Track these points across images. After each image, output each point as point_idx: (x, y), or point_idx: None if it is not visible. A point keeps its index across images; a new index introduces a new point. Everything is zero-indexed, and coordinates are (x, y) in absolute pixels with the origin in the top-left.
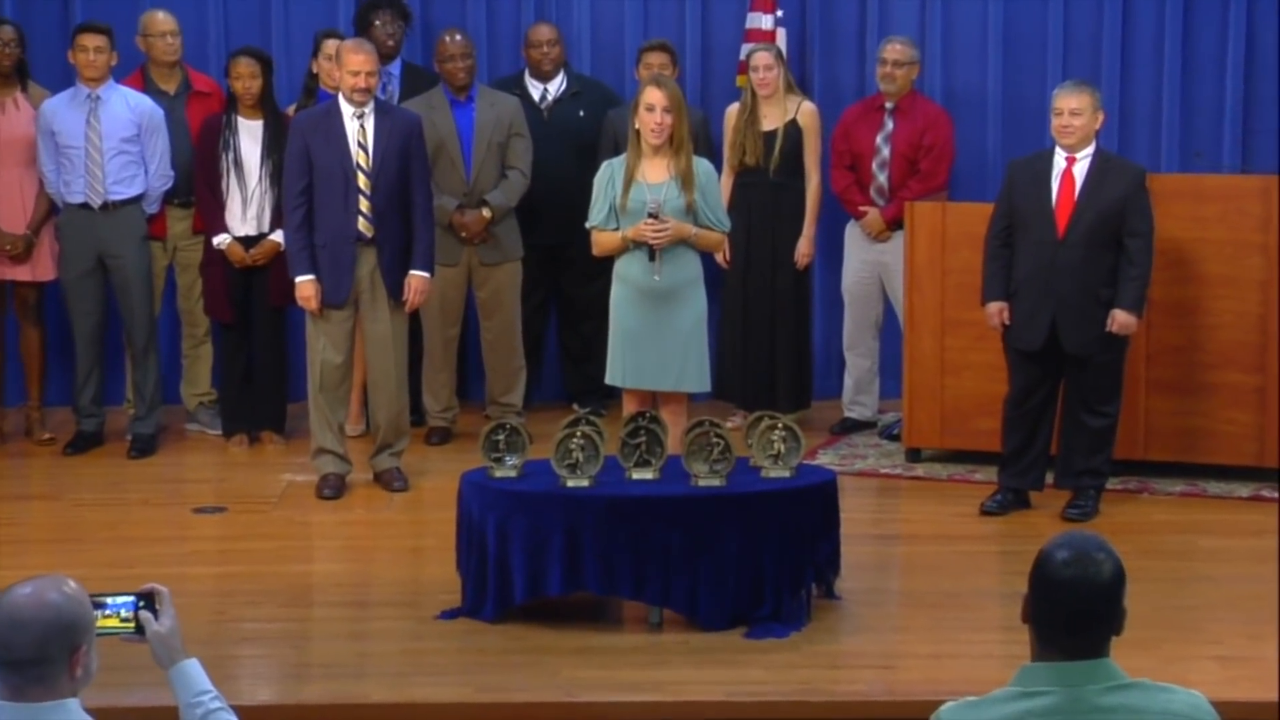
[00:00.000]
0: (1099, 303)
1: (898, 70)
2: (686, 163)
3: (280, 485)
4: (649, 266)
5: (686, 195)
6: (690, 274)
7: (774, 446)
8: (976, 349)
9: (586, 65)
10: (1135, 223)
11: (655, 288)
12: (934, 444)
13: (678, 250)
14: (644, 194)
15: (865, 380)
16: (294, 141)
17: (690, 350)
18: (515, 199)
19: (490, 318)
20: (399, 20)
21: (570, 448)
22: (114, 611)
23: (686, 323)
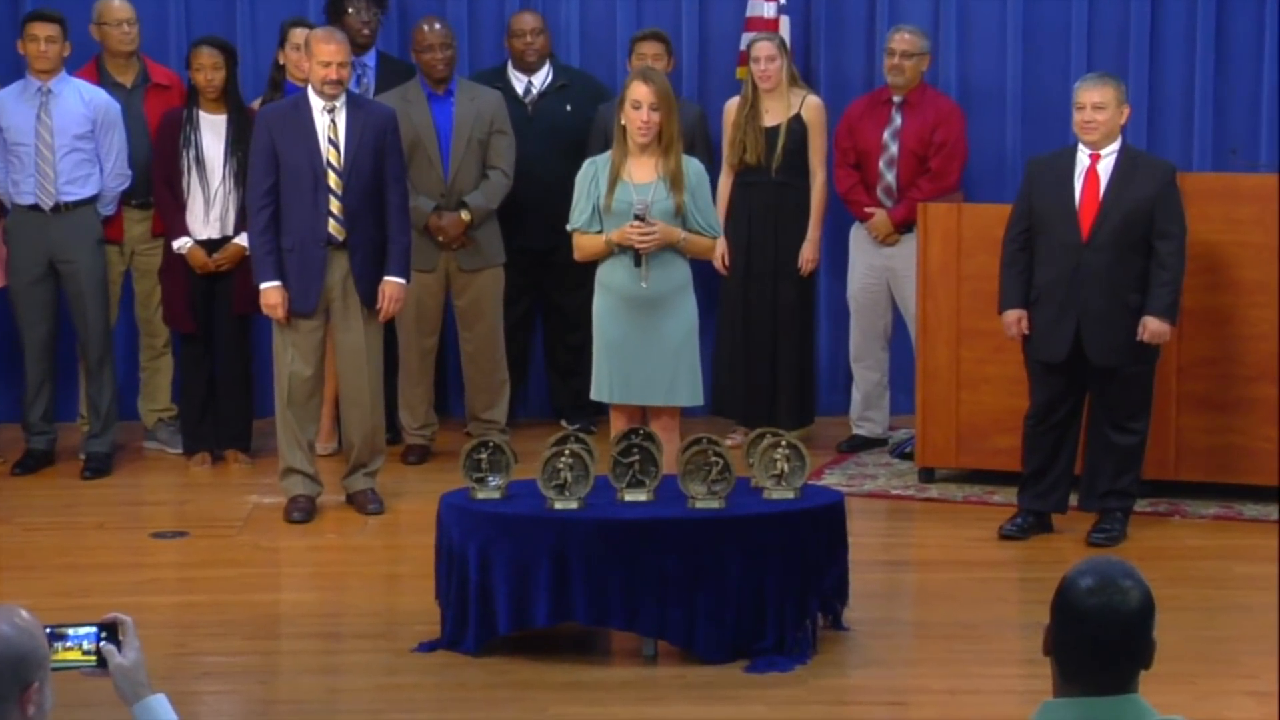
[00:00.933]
0: (1127, 310)
1: (906, 62)
2: (676, 162)
3: (245, 508)
4: (634, 273)
5: (675, 197)
6: (679, 280)
7: (777, 466)
8: (994, 361)
9: (574, 56)
10: (1165, 224)
11: (642, 295)
12: (949, 463)
13: (665, 255)
14: (630, 195)
15: (874, 394)
16: (259, 137)
17: (681, 362)
18: (496, 201)
19: (470, 328)
20: (374, 8)
21: (558, 467)
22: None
23: (676, 332)
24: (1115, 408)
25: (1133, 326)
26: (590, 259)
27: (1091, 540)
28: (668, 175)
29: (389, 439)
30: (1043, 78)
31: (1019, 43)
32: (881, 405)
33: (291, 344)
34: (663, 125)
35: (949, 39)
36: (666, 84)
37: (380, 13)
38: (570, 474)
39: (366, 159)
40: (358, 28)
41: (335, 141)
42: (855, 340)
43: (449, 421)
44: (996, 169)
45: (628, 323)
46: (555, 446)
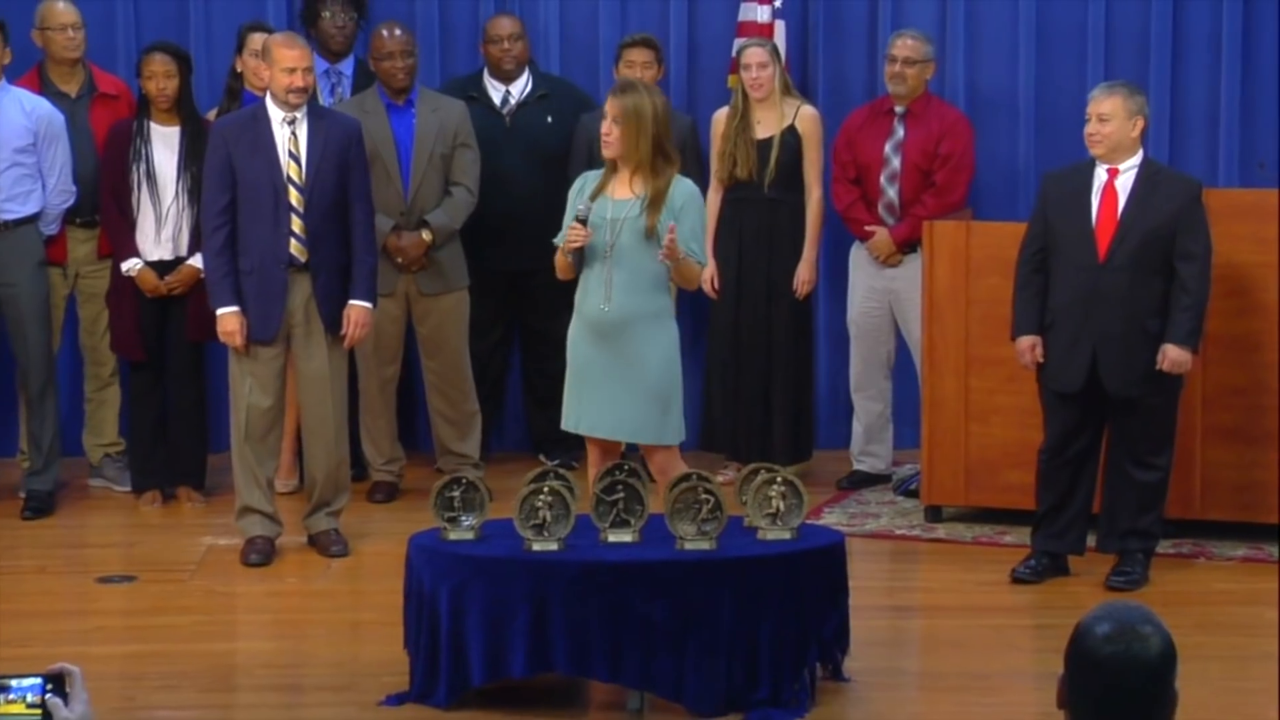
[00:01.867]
0: (1147, 336)
1: (908, 69)
2: (659, 183)
3: (199, 550)
4: (600, 295)
5: (649, 216)
6: (651, 306)
7: (772, 504)
8: (1006, 391)
9: (554, 63)
10: (1188, 244)
11: (606, 320)
12: (957, 501)
13: (635, 276)
14: (606, 211)
15: (877, 427)
16: (215, 151)
17: (652, 396)
18: (460, 219)
19: (433, 356)
20: (351, 12)
21: (536, 506)
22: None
23: (647, 363)
24: (1135, 441)
25: (1152, 354)
26: (564, 275)
27: (1110, 584)
28: (648, 195)
29: (354, 475)
30: (1057, 85)
31: (1031, 47)
32: (884, 439)
33: (250, 374)
34: (625, 140)
35: (956, 44)
36: (634, 100)
37: (359, 18)
38: (550, 513)
39: (330, 174)
40: (332, 33)
41: (296, 155)
42: (856, 369)
43: (418, 456)
44: (1007, 184)
45: (593, 349)
46: (533, 483)
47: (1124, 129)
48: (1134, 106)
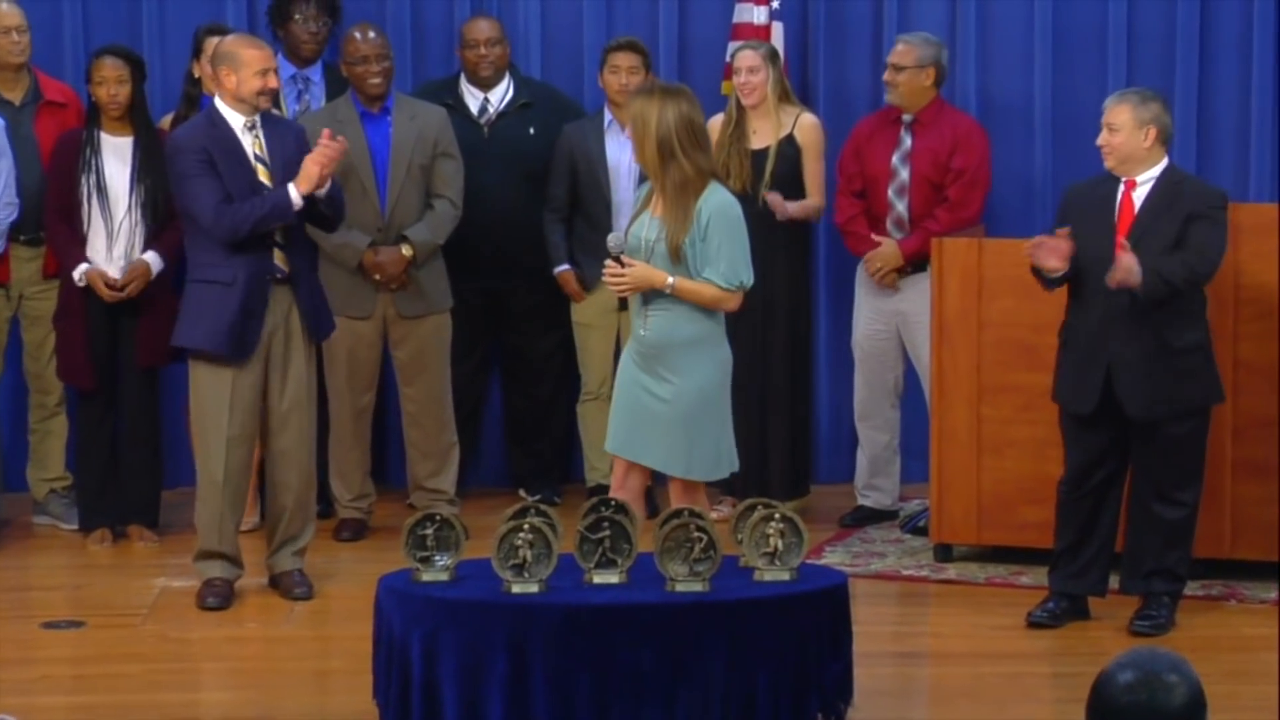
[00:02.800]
0: (1168, 354)
1: (899, 76)
2: (674, 195)
3: (152, 593)
4: (640, 318)
5: (671, 237)
6: (687, 334)
7: (770, 542)
8: (1021, 421)
9: (536, 68)
10: (1196, 241)
11: (643, 343)
12: (969, 539)
13: (671, 300)
14: (643, 229)
15: (882, 459)
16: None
17: (682, 426)
18: (443, 234)
19: (412, 383)
20: (325, 17)
21: (516, 544)
22: None
23: (673, 393)
24: (1159, 474)
25: (1176, 375)
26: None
27: (1134, 629)
28: (668, 212)
29: (320, 512)
30: (1075, 91)
31: (1047, 50)
32: (891, 472)
33: (229, 404)
34: (637, 153)
35: (966, 47)
36: (642, 106)
37: (332, 23)
38: (530, 552)
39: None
40: (305, 38)
41: (265, 161)
42: (860, 396)
43: (388, 492)
44: (1022, 198)
45: (635, 370)
46: (513, 520)
47: (1134, 139)
48: (1146, 115)
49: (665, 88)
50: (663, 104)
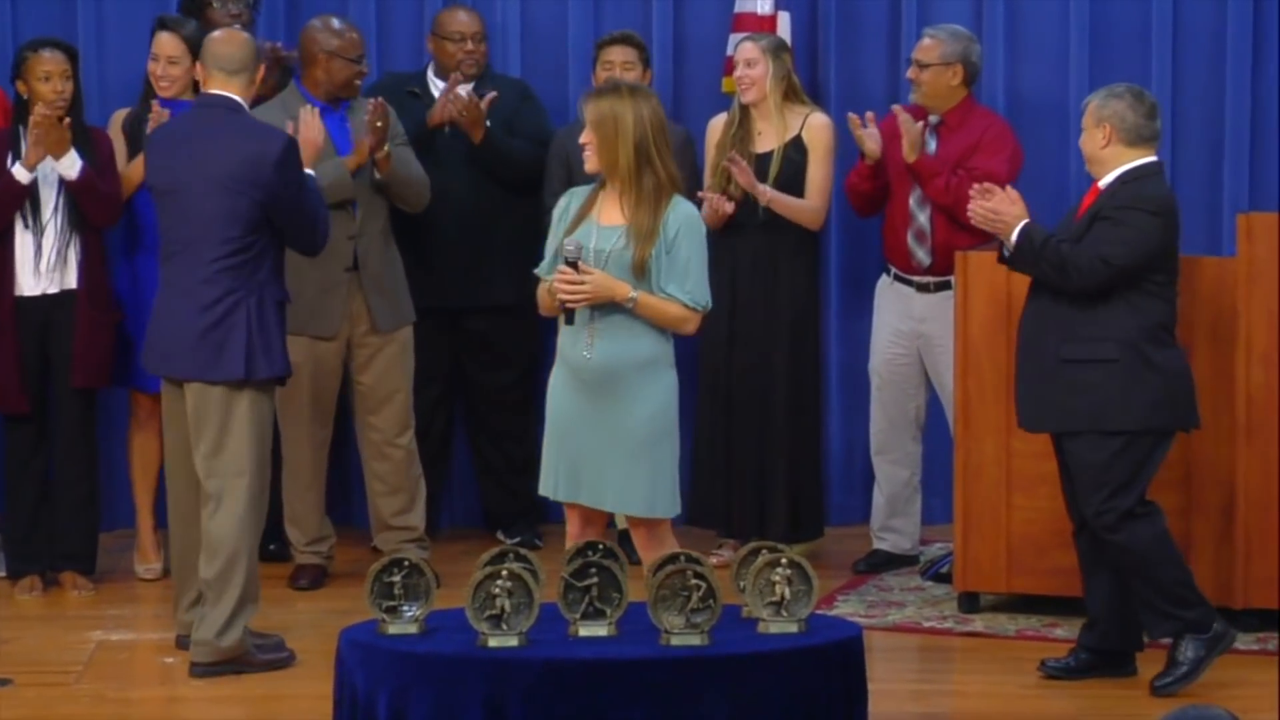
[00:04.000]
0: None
1: (923, 73)
2: (642, 203)
3: (87, 648)
4: (582, 338)
5: (638, 248)
6: (641, 353)
7: (775, 590)
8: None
9: (514, 65)
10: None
11: (589, 368)
12: (997, 587)
13: (624, 318)
14: (591, 239)
15: (901, 498)
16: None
17: (637, 460)
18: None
19: (377, 410)
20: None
21: (493, 593)
22: None
23: (631, 421)
24: (1086, 504)
25: (1066, 387)
26: (548, 314)
27: (1155, 688)
28: (635, 221)
29: (272, 554)
30: None
31: (1083, 47)
32: (910, 512)
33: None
34: (603, 154)
35: (994, 42)
36: (614, 104)
37: (254, 8)
38: (509, 601)
39: None
40: (225, 20)
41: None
42: (878, 427)
43: (350, 533)
44: (1055, 206)
45: (574, 401)
46: (489, 566)
47: (1092, 140)
48: (1104, 113)
49: (633, 86)
50: (635, 102)
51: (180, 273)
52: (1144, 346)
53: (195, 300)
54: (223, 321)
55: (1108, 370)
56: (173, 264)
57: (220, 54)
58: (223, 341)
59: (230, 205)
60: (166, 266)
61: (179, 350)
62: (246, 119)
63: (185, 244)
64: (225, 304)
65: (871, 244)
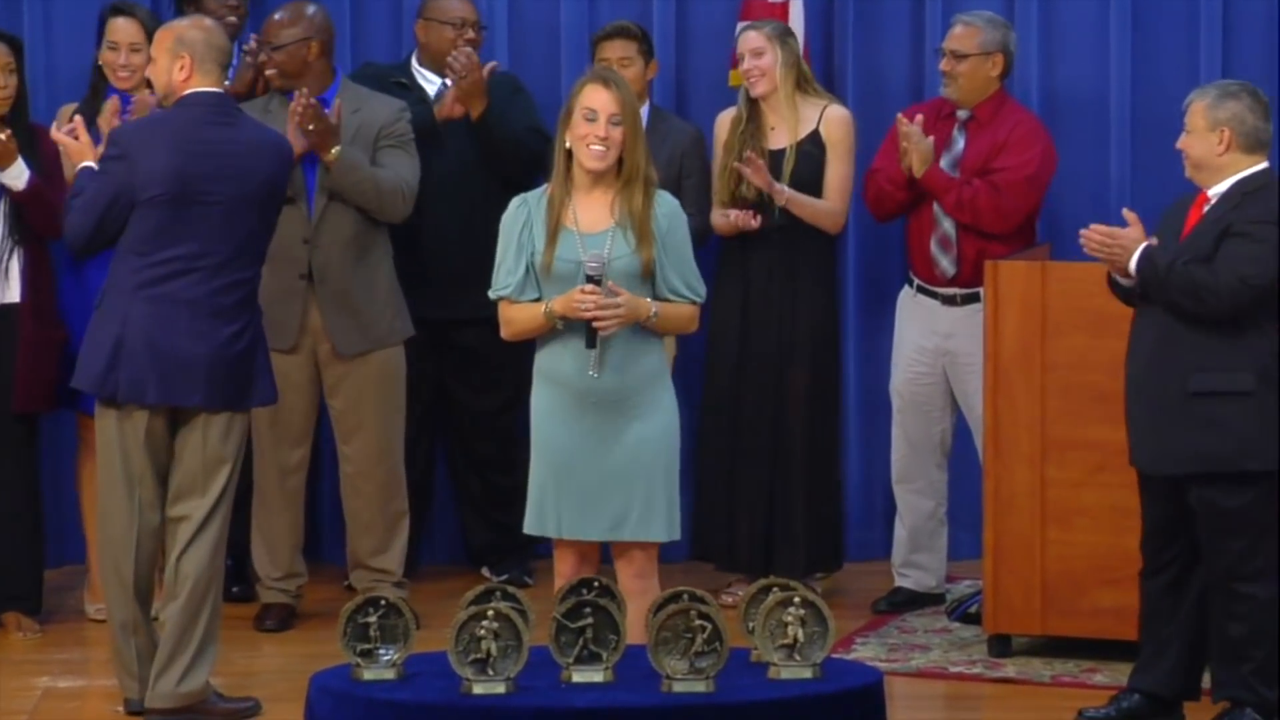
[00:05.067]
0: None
1: (959, 65)
2: (642, 203)
3: (33, 695)
4: (584, 357)
5: (642, 252)
6: (650, 369)
7: (788, 632)
8: (1095, 484)
9: (502, 58)
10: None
11: (595, 390)
12: (1031, 629)
13: (631, 331)
14: (577, 249)
15: (925, 531)
16: None
17: (654, 480)
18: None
19: (350, 438)
20: None
21: (478, 635)
22: None
23: (647, 441)
24: (1213, 555)
25: (1203, 427)
26: (523, 337)
27: None
28: (631, 219)
29: (238, 594)
30: (1159, 86)
31: (1125, 37)
32: (935, 546)
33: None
34: (625, 147)
35: (1027, 32)
36: (631, 92)
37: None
38: (495, 644)
39: None
40: (220, 12)
41: None
42: (900, 453)
43: (323, 570)
44: (1095, 212)
45: (577, 427)
46: (474, 605)
47: (1205, 144)
48: (1221, 115)
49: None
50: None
51: (200, 293)
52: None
53: (222, 325)
54: (253, 347)
55: (1244, 404)
56: (186, 282)
57: (217, 46)
58: (251, 368)
59: (264, 220)
60: (171, 284)
61: (202, 379)
62: (256, 123)
63: (210, 263)
64: (253, 328)
65: (892, 251)
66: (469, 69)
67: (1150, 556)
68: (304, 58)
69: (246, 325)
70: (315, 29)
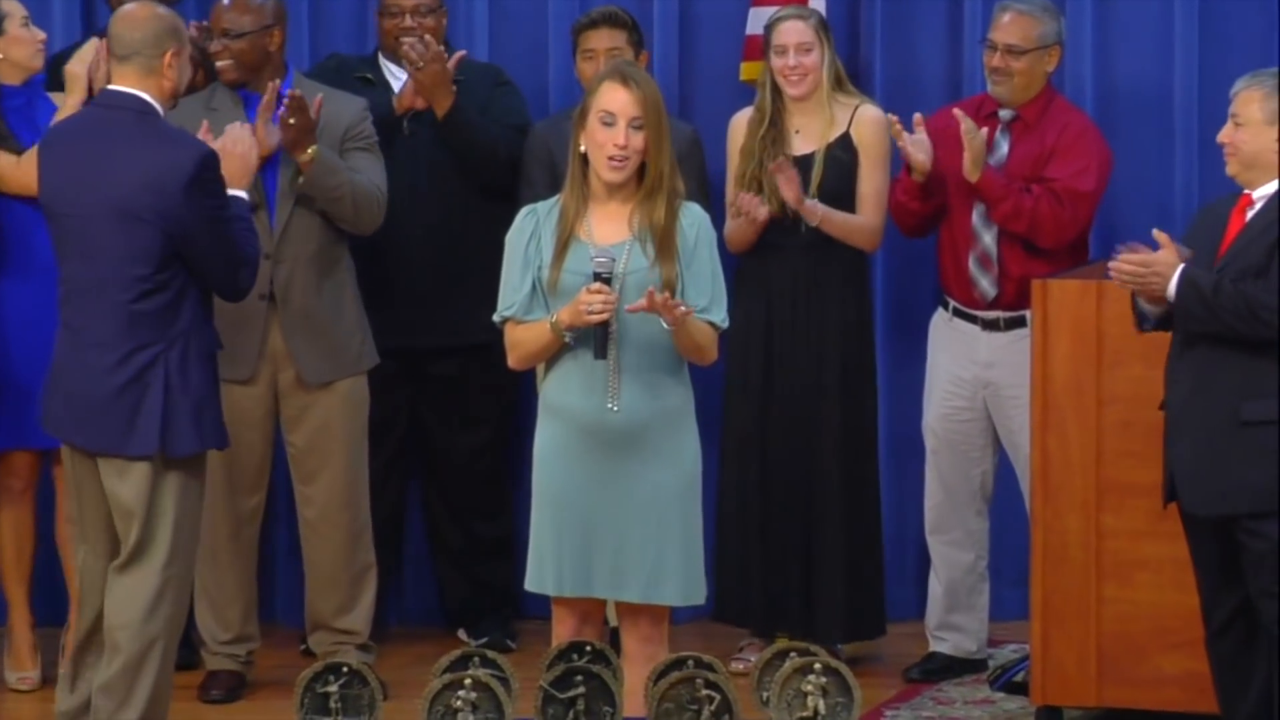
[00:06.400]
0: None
1: (1016, 61)
2: (667, 214)
3: None
4: (596, 387)
5: (663, 266)
6: (672, 404)
7: (807, 703)
8: (1158, 534)
9: (481, 50)
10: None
11: (607, 426)
12: (1085, 699)
13: (651, 357)
14: (588, 261)
15: (964, 587)
16: None
17: (669, 534)
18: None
19: (313, 479)
20: None
21: (454, 705)
22: None
23: (662, 487)
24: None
25: (1247, 455)
26: (532, 362)
27: None
28: (651, 231)
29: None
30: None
31: (1191, 31)
32: (976, 605)
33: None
34: (649, 154)
35: (1080, 19)
36: (656, 90)
37: None
38: (473, 716)
39: None
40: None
41: None
42: (935, 499)
43: (276, 632)
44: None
45: (589, 469)
46: (449, 673)
47: (1259, 140)
48: (1275, 107)
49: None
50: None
51: (83, 318)
52: None
53: (104, 354)
54: (136, 381)
55: None
56: (73, 307)
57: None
58: (136, 407)
59: (136, 238)
60: (65, 308)
61: (87, 415)
62: (157, 126)
63: (88, 284)
64: (139, 359)
65: (924, 270)
66: (428, 58)
67: (1210, 613)
68: (266, 48)
69: (129, 355)
70: (277, 16)
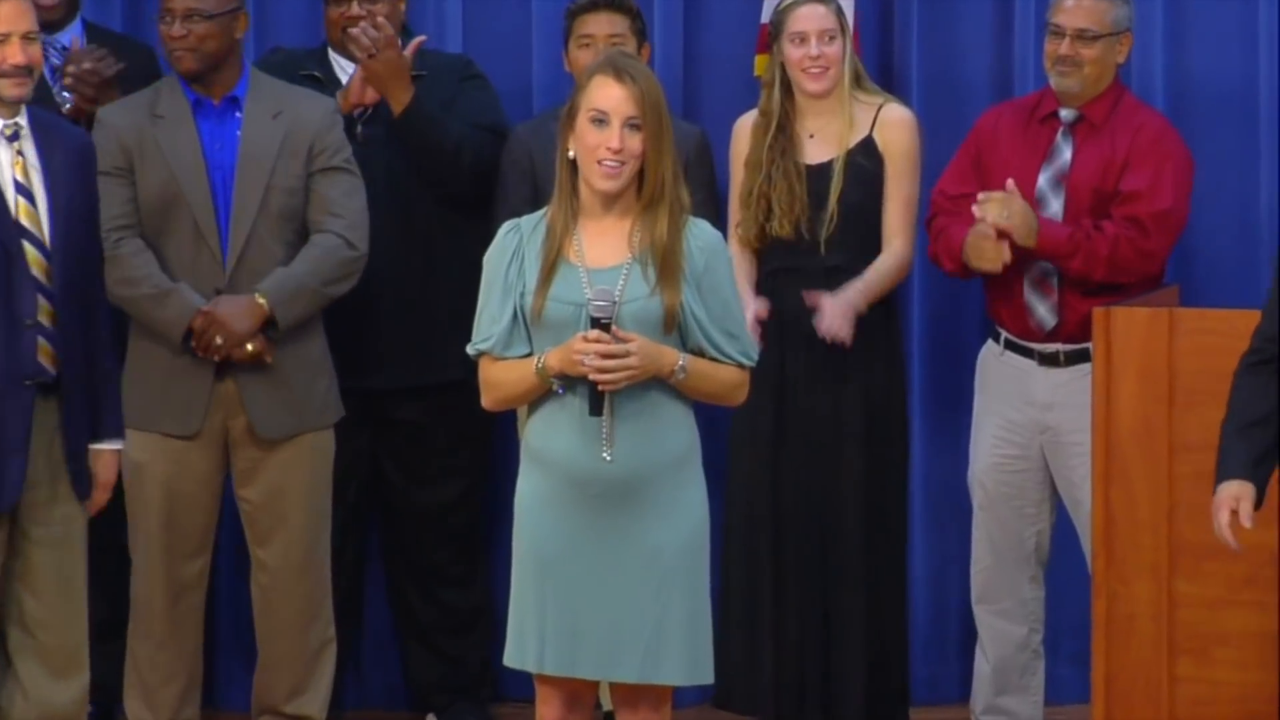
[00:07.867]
0: None
1: (1086, 49)
2: (669, 231)
3: None
4: (588, 433)
5: (665, 294)
6: (675, 451)
7: None
8: (1240, 603)
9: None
10: None
11: (600, 477)
12: None
13: (652, 401)
14: (580, 288)
15: (1016, 665)
16: None
17: (670, 603)
18: (328, 283)
19: (267, 540)
20: None
21: None
22: None
23: (662, 548)
24: None
25: None
26: (510, 405)
27: None
28: (652, 254)
29: None
30: None
31: (1276, 15)
32: (1030, 685)
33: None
34: (648, 159)
35: (1150, 9)
36: (656, 84)
37: None
38: None
39: (79, 223)
40: None
41: (30, 191)
42: (982, 564)
43: (219, 717)
44: (1240, 241)
45: (579, 527)
46: None
47: None
48: None
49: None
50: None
51: None
52: None
53: None
54: None
55: None
56: None
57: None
58: None
59: None
60: None
61: None
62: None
63: None
64: None
65: (969, 294)
66: (380, 43)
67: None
68: (232, 34)
69: None
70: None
